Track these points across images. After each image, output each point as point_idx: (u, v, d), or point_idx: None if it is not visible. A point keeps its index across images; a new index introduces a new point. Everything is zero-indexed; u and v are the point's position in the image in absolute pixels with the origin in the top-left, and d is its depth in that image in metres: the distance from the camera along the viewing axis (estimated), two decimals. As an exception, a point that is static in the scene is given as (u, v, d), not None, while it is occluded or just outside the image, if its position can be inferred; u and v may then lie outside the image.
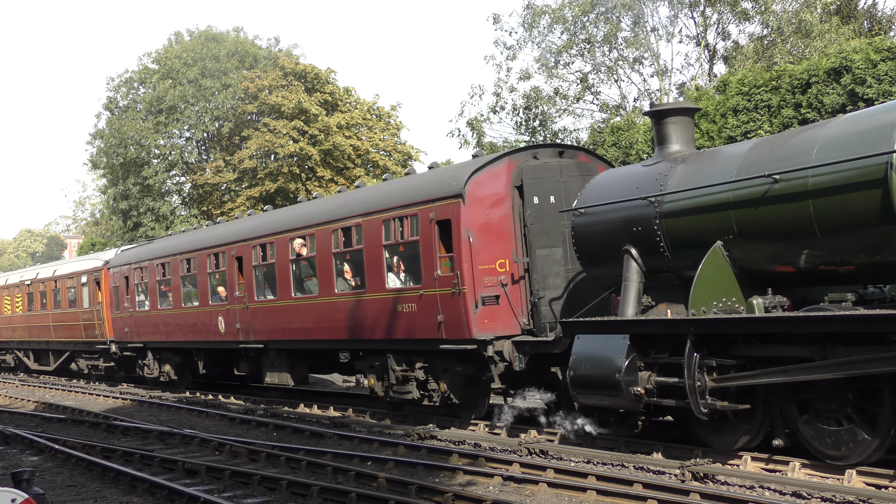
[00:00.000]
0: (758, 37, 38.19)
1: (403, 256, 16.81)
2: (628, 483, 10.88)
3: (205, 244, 24.00)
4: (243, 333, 21.79)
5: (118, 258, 29.94)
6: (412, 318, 16.13)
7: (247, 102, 49.55)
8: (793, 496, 10.26)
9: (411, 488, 11.11)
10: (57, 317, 34.57)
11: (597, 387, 12.65)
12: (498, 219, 15.35)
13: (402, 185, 17.91)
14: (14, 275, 43.24)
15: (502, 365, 14.94)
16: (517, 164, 15.45)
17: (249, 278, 21.51)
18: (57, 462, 15.12)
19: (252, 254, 21.34)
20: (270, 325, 20.76)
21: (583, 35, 41.23)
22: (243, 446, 14.98)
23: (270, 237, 20.74)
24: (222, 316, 22.67)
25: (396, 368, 16.93)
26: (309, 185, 46.69)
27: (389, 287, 16.74)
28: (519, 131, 43.70)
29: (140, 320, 27.54)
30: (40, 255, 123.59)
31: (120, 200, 54.87)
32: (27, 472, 7.47)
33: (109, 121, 56.01)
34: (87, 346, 32.36)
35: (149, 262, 26.98)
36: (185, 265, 24.70)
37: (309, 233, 19.34)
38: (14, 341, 40.46)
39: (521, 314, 15.08)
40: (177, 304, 25.25)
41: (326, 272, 18.57)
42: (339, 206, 18.83)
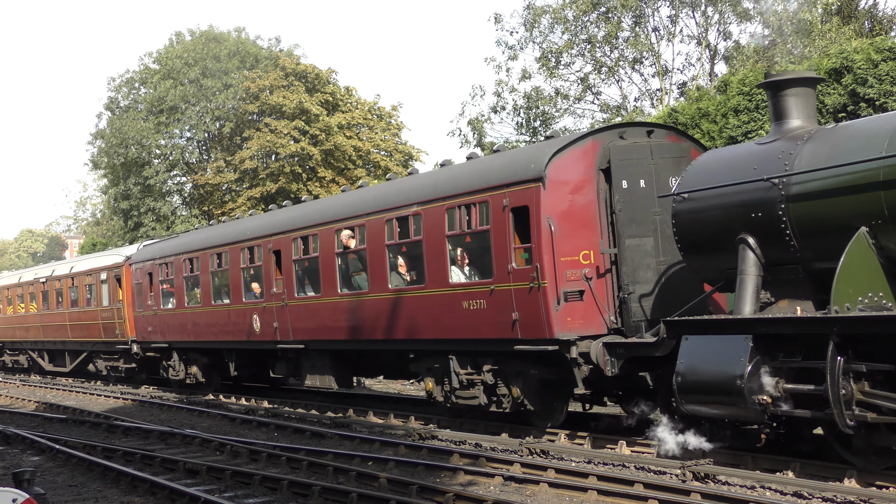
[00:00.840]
0: (758, 37, 38.19)
1: (469, 248, 15.51)
2: (629, 483, 10.88)
3: (238, 237, 22.30)
4: (281, 333, 20.33)
5: (141, 253, 28.20)
6: (480, 315, 14.72)
7: (248, 102, 49.59)
8: (794, 496, 10.26)
9: (412, 488, 11.11)
10: (74, 316, 33.02)
11: (712, 395, 11.22)
12: (581, 205, 13.82)
13: (468, 170, 16.27)
14: (28, 272, 41.39)
15: (587, 368, 13.42)
16: (602, 145, 13.90)
17: (289, 273, 20.00)
18: (58, 462, 15.12)
19: (292, 247, 19.77)
20: (312, 323, 19.32)
21: (583, 35, 41.24)
22: (244, 446, 14.98)
23: (313, 228, 19.17)
24: (258, 314, 21.16)
25: (460, 371, 15.46)
26: (310, 185, 46.74)
27: (453, 282, 15.30)
28: (520, 131, 43.74)
29: (165, 319, 25.98)
30: (41, 256, 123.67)
31: (121, 200, 54.93)
32: (28, 472, 7.48)
33: (110, 121, 56.07)
34: (106, 347, 30.93)
35: (175, 257, 25.33)
36: (216, 260, 23.09)
37: (358, 223, 17.74)
38: (28, 341, 38.90)
39: (607, 311, 13.70)
40: (206, 302, 23.69)
41: (378, 266, 17.04)
42: (394, 194, 17.30)
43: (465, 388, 15.49)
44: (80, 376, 34.74)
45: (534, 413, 14.97)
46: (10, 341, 41.07)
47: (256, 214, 25.06)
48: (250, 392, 24.86)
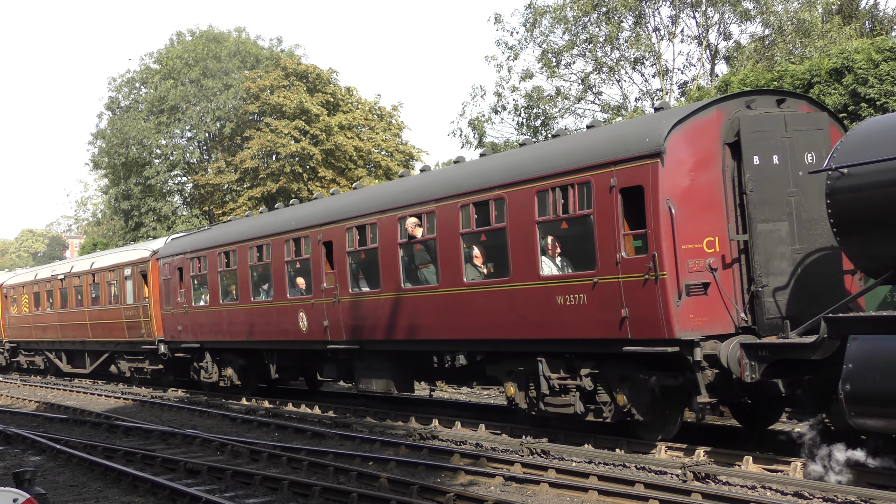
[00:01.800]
0: (759, 37, 38.20)
1: (565, 236, 13.89)
2: (630, 483, 10.89)
3: (282, 228, 20.54)
4: (332, 332, 18.64)
5: (169, 247, 26.40)
6: (578, 312, 13.02)
7: (248, 102, 49.61)
8: (794, 496, 10.27)
9: (413, 488, 11.11)
10: (95, 314, 31.20)
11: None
12: (704, 185, 12.15)
13: (562, 147, 14.25)
14: (44, 269, 39.21)
15: (711, 373, 11.77)
16: (728, 115, 12.25)
17: (342, 267, 18.26)
18: (59, 462, 15.12)
19: (346, 237, 18.07)
20: (369, 322, 17.62)
21: (584, 35, 41.25)
22: (245, 446, 14.99)
23: (372, 217, 17.40)
24: (304, 312, 19.49)
25: (551, 376, 13.76)
26: (311, 185, 46.77)
27: (544, 274, 13.61)
28: (520, 131, 43.74)
29: (197, 317, 24.25)
30: (42, 255, 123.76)
31: (121, 200, 54.98)
32: (29, 472, 7.48)
33: (111, 121, 56.11)
34: (130, 347, 29.14)
35: (209, 250, 23.50)
36: (256, 253, 21.33)
37: (426, 210, 15.95)
38: (44, 342, 36.81)
39: (735, 307, 12.03)
40: (244, 299, 21.92)
41: (451, 257, 15.29)
42: (471, 176, 15.52)
43: (556, 395, 13.81)
44: (101, 378, 33.42)
45: (642, 424, 13.21)
46: (25, 341, 39.43)
47: (301, 203, 23.18)
48: (289, 396, 23.49)
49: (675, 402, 13.01)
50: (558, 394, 13.79)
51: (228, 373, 23.71)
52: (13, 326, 39.71)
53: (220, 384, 24.24)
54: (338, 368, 19.95)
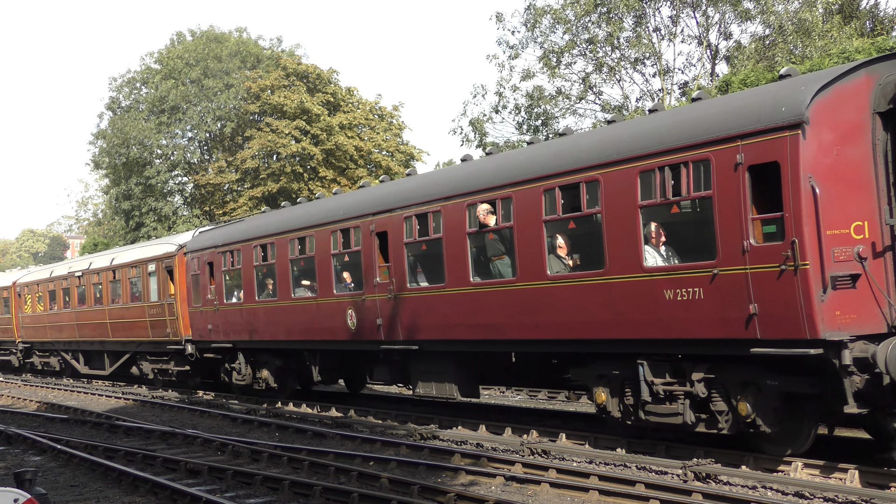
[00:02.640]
0: (759, 37, 38.21)
1: (674, 222, 12.46)
2: (631, 483, 10.89)
3: (327, 218, 18.94)
4: (386, 331, 17.11)
5: (198, 241, 24.70)
6: (692, 308, 11.49)
7: (249, 102, 49.66)
8: (795, 496, 10.27)
9: (413, 488, 11.11)
10: (116, 313, 29.52)
11: None
12: (852, 160, 10.68)
13: (670, 120, 12.59)
14: (61, 266, 37.34)
15: (860, 378, 10.36)
16: (878, 80, 10.80)
17: (398, 259, 16.71)
18: (59, 462, 15.12)
19: (403, 227, 16.55)
20: (431, 320, 16.09)
21: (585, 35, 41.27)
22: (245, 446, 14.98)
23: (435, 204, 15.85)
24: (354, 309, 17.89)
25: (655, 381, 12.24)
26: (311, 185, 46.80)
27: (648, 265, 12.11)
28: (521, 131, 43.77)
29: (229, 315, 22.59)
30: (42, 256, 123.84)
31: (122, 200, 55.02)
32: (30, 472, 7.48)
33: (112, 121, 56.18)
34: (153, 347, 27.51)
35: (243, 243, 21.88)
36: (297, 246, 19.77)
37: (501, 195, 14.41)
38: (60, 342, 35.01)
39: (889, 302, 10.55)
40: (284, 295, 20.28)
41: (532, 248, 13.77)
42: (556, 156, 13.81)
43: (659, 402, 12.31)
44: (122, 380, 32.18)
45: (767, 437, 11.71)
46: (39, 342, 37.58)
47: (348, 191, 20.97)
48: (329, 399, 22.26)
49: (810, 412, 11.51)
50: (662, 401, 12.26)
51: (264, 375, 22.22)
52: (27, 326, 38.15)
53: (255, 387, 22.76)
54: (391, 371, 18.40)
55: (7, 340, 40.48)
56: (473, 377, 16.83)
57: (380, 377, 19.17)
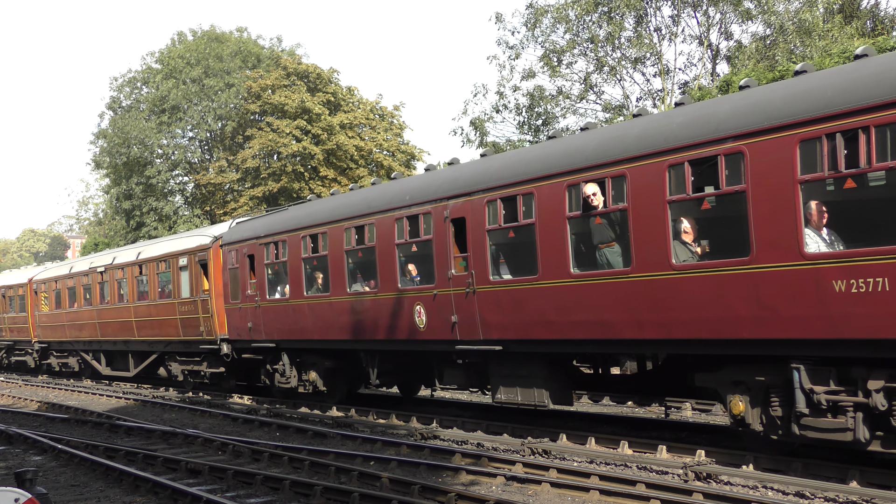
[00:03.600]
0: (760, 36, 38.22)
1: (843, 200, 10.78)
2: (631, 483, 10.89)
3: (390, 204, 17.14)
4: (463, 329, 15.36)
5: (237, 231, 22.99)
6: (872, 302, 9.69)
7: (250, 102, 49.69)
8: (796, 496, 10.27)
9: (414, 488, 11.11)
10: (142, 310, 27.77)
11: None
12: None
13: (842, 77, 10.55)
14: (81, 262, 35.15)
15: None
16: None
17: (479, 249, 14.88)
18: (60, 462, 15.12)
19: (485, 213, 14.75)
20: (519, 317, 14.26)
21: (586, 35, 41.29)
22: (246, 446, 14.98)
23: (526, 185, 13.95)
24: (423, 305, 16.16)
25: (815, 388, 10.52)
26: (312, 184, 46.82)
27: (810, 252, 10.33)
28: (521, 130, 43.79)
29: (273, 312, 20.90)
30: (43, 255, 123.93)
31: (123, 200, 55.07)
32: (30, 471, 7.49)
33: (112, 120, 56.23)
34: (184, 347, 25.71)
35: (290, 233, 20.15)
36: (354, 235, 18.00)
37: (612, 173, 12.51)
38: (80, 341, 33.13)
39: None
40: (337, 290, 18.51)
41: (652, 233, 11.93)
42: (686, 126, 11.86)
43: (819, 415, 10.61)
44: (147, 382, 30.73)
45: None
46: (57, 341, 35.65)
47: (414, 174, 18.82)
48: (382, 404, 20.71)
49: None
50: (824, 413, 10.57)
51: (311, 377, 20.42)
52: (44, 325, 36.29)
53: (300, 390, 20.99)
54: (466, 374, 16.62)
55: (22, 340, 38.89)
56: (567, 382, 15.00)
57: (452, 381, 17.33)
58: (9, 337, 39.89)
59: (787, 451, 11.65)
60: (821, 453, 11.64)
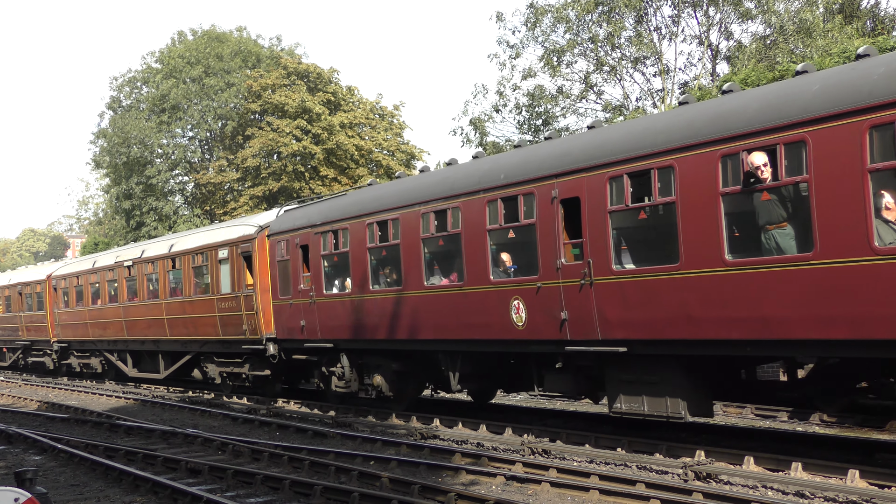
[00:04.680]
0: (760, 36, 38.23)
1: None
2: (631, 483, 10.89)
3: (480, 185, 15.10)
4: (575, 328, 13.31)
5: (286, 220, 21.06)
6: None
7: (250, 101, 49.71)
8: (796, 496, 10.27)
9: (414, 488, 11.11)
10: (175, 307, 25.73)
11: None
12: None
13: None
14: (105, 256, 32.82)
15: None
16: None
17: (599, 234, 12.75)
18: (60, 461, 15.12)
19: (607, 191, 12.65)
20: (651, 313, 12.21)
21: (586, 34, 41.31)
22: (246, 446, 14.98)
23: (663, 157, 11.97)
24: (522, 299, 14.11)
25: None
26: (312, 184, 46.84)
27: None
28: (521, 130, 43.80)
29: (330, 309, 19.02)
30: (43, 255, 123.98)
31: (123, 200, 55.10)
32: (30, 471, 7.49)
33: (112, 120, 56.27)
34: (223, 347, 23.75)
35: (352, 220, 18.29)
36: (433, 221, 16.04)
37: (786, 139, 10.53)
38: (104, 341, 31.08)
39: None
40: (413, 283, 16.59)
41: (845, 210, 9.96)
42: (886, 78, 9.80)
43: None
44: (180, 384, 28.99)
45: None
46: (78, 341, 33.47)
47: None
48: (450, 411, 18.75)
49: None
50: None
51: (376, 381, 18.48)
52: (64, 323, 34.02)
53: (360, 395, 19.19)
54: (575, 379, 14.37)
55: (40, 340, 36.68)
56: (708, 390, 12.88)
57: (555, 386, 14.94)
58: (26, 337, 37.96)
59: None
60: (821, 453, 11.65)
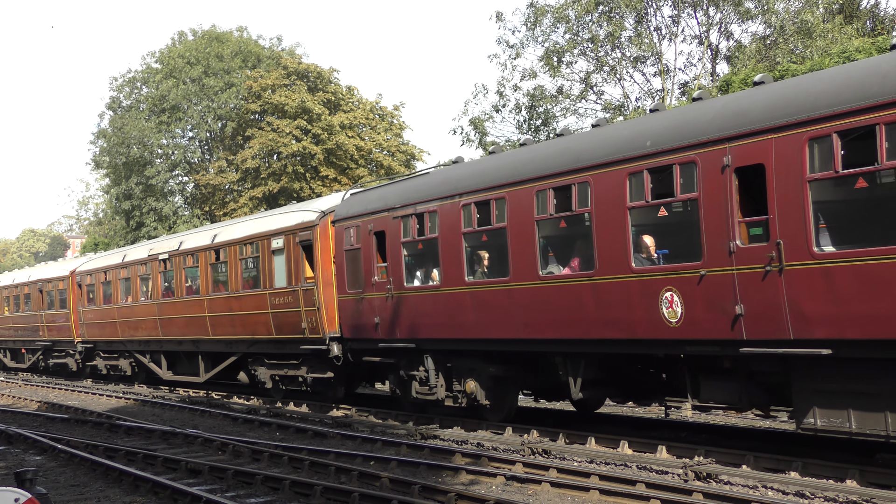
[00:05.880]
0: (760, 36, 38.25)
1: None
2: (631, 483, 10.89)
3: (616, 154, 12.75)
4: (755, 324, 11.03)
5: (353, 204, 18.84)
6: None
7: (250, 101, 49.70)
8: (796, 496, 10.27)
9: (414, 488, 11.11)
10: (219, 304, 23.39)
11: None
12: None
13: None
14: (136, 249, 30.29)
15: None
16: None
17: (793, 208, 10.52)
18: (60, 462, 15.12)
19: (805, 156, 10.40)
20: (870, 307, 9.85)
21: (586, 34, 41.33)
22: (246, 446, 14.98)
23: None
24: (677, 291, 11.85)
25: None
26: (312, 184, 46.83)
27: None
28: (521, 130, 43.81)
29: (413, 304, 16.80)
30: (43, 255, 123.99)
31: (122, 200, 55.10)
32: (30, 471, 7.49)
33: (112, 120, 56.24)
34: (275, 348, 21.49)
35: (441, 201, 15.97)
36: (551, 199, 13.73)
37: None
38: (135, 341, 28.87)
39: None
40: (521, 273, 14.23)
41: None
42: None
43: None
44: (223, 389, 26.57)
45: None
46: (105, 341, 31.23)
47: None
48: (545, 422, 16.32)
49: None
50: None
51: (469, 387, 16.00)
52: (90, 322, 31.80)
53: (447, 403, 16.79)
54: (745, 388, 11.96)
55: (63, 340, 34.38)
56: None
57: (717, 395, 12.35)
58: (47, 337, 35.66)
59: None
60: (821, 453, 11.65)
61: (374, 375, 20.78)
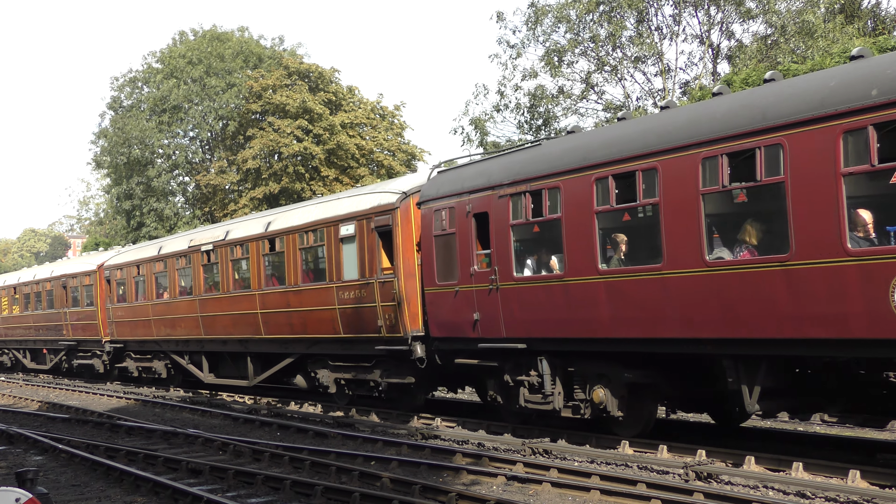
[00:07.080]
0: (761, 36, 38.25)
1: None
2: (632, 483, 10.88)
3: (821, 108, 10.22)
4: None
5: (443, 182, 16.51)
6: None
7: (251, 101, 49.72)
8: (797, 496, 10.26)
9: (415, 488, 11.11)
10: (274, 299, 21.00)
11: None
12: None
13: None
14: (173, 240, 28.00)
15: None
16: None
17: None
18: (61, 461, 15.12)
19: None
20: None
21: (587, 34, 41.33)
22: (247, 446, 14.98)
23: None
24: None
25: None
26: (313, 184, 46.83)
27: None
28: (522, 130, 43.81)
29: (525, 297, 14.42)
30: (44, 255, 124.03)
31: (123, 200, 55.11)
32: (31, 471, 7.48)
33: (113, 120, 56.26)
34: (343, 348, 19.13)
35: (564, 176, 13.55)
36: (723, 168, 11.19)
37: None
38: (171, 340, 26.55)
39: None
40: (676, 259, 11.81)
41: None
42: None
43: None
44: (273, 394, 24.21)
45: None
46: (137, 340, 28.84)
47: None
48: (687, 437, 14.04)
49: None
50: None
51: (597, 396, 13.55)
52: (120, 321, 29.53)
53: (564, 414, 14.36)
54: None
55: (89, 340, 32.04)
56: None
57: None
58: (71, 336, 33.26)
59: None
60: (822, 453, 11.64)
61: (458, 381, 18.58)
